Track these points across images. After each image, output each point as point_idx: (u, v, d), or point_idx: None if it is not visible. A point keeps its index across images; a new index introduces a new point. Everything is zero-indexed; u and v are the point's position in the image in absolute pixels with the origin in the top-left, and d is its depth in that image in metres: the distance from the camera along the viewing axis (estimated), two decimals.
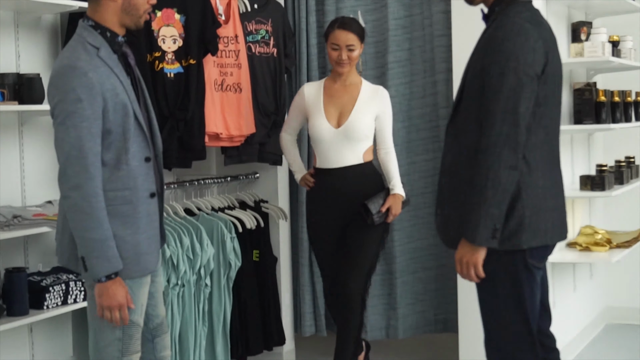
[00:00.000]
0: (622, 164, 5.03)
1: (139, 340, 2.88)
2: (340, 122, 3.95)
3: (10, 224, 3.47)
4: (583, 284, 5.19)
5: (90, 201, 2.67)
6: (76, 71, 2.68)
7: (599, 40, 4.67)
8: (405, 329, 4.88)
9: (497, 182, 2.55)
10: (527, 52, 2.57)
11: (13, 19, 3.79)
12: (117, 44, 2.82)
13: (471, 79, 2.67)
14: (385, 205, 3.94)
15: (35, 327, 3.86)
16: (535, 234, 2.68)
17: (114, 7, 2.79)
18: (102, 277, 2.71)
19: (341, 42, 3.91)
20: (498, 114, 2.56)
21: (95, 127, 2.69)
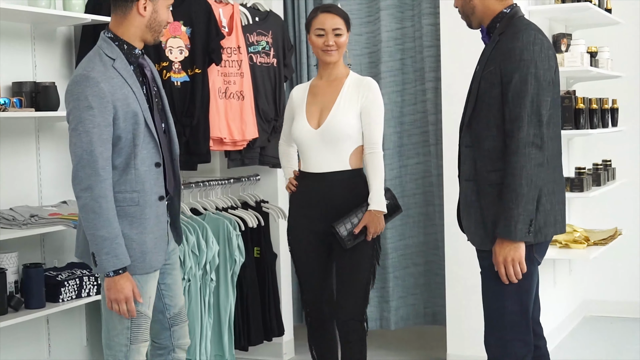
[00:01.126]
0: (599, 166, 5.04)
1: (147, 330, 2.89)
2: (320, 122, 3.38)
3: (28, 222, 3.48)
4: (562, 279, 5.20)
5: (100, 202, 2.70)
6: (89, 81, 2.71)
7: (578, 51, 4.68)
8: (397, 320, 4.89)
9: (529, 180, 2.60)
10: (544, 60, 2.65)
11: (30, 31, 3.80)
12: (134, 55, 2.84)
13: (488, 88, 2.70)
14: (360, 225, 3.29)
15: (52, 318, 3.87)
16: (554, 226, 2.75)
17: (140, 22, 2.82)
18: (110, 272, 2.74)
19: (327, 26, 3.37)
20: (524, 117, 2.61)
21: (106, 133, 2.71)
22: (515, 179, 2.61)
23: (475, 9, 2.80)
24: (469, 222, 2.81)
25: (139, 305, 2.84)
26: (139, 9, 2.80)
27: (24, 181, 3.77)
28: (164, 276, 3.01)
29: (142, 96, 2.83)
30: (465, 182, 2.81)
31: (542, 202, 2.69)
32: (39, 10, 3.52)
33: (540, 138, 2.62)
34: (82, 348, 4.06)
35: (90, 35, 3.91)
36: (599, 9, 4.79)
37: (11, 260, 3.50)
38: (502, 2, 2.80)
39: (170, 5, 2.89)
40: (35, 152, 3.83)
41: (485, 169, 2.73)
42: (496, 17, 2.79)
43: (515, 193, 2.61)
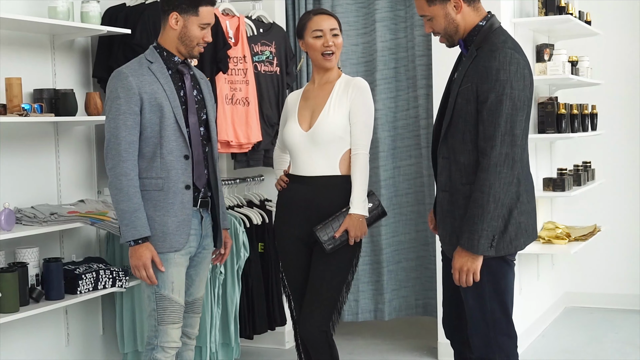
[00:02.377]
0: (579, 168, 5.05)
1: (175, 313, 2.95)
2: (311, 124, 3.14)
3: (48, 220, 3.50)
4: (545, 273, 5.20)
5: (121, 179, 2.87)
6: (120, 75, 2.91)
7: (560, 60, 4.68)
8: (391, 311, 4.89)
9: (497, 198, 2.54)
10: (519, 79, 2.55)
11: (50, 41, 3.81)
12: (173, 62, 2.98)
13: (464, 104, 2.63)
14: (340, 229, 3.03)
15: (70, 309, 3.88)
16: (528, 235, 2.70)
17: (173, 35, 2.96)
18: (131, 241, 2.88)
19: (324, 26, 3.12)
20: (498, 137, 2.53)
21: (131, 120, 2.88)
22: (484, 196, 2.55)
23: (458, 27, 2.70)
24: (444, 232, 2.75)
25: (161, 287, 2.92)
26: (170, 22, 2.94)
27: (44, 181, 3.79)
28: (189, 267, 3.07)
29: (174, 95, 2.94)
30: (441, 193, 2.76)
31: (514, 215, 2.63)
32: (59, 23, 3.54)
33: (512, 158, 2.55)
34: (98, 337, 4.07)
35: (106, 45, 3.92)
36: (580, 21, 4.81)
37: (32, 254, 3.52)
38: (478, 13, 2.70)
39: (204, 26, 2.96)
40: (55, 154, 3.85)
41: (460, 181, 2.67)
42: (473, 30, 2.69)
43: (481, 209, 2.55)
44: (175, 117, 2.93)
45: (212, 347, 4.05)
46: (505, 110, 2.54)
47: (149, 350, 2.97)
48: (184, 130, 2.94)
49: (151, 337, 2.96)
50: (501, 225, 2.61)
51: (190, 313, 3.11)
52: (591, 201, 5.50)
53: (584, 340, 4.83)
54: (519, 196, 2.65)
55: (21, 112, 3.40)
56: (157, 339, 2.94)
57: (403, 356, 4.58)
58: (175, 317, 2.95)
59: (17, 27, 3.54)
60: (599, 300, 5.59)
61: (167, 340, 2.94)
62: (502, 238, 2.63)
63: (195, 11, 2.93)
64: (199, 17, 2.94)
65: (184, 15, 2.93)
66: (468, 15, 2.69)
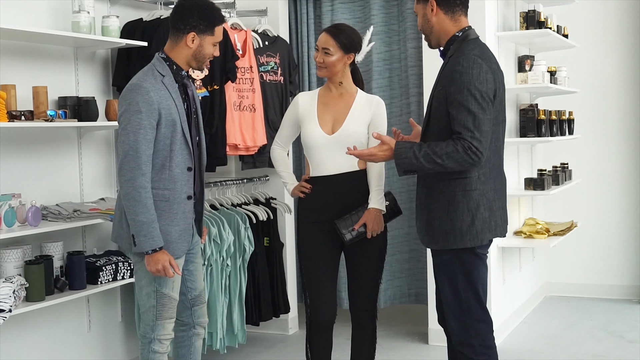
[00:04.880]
0: (558, 168, 5.04)
1: (171, 309, 2.90)
2: (334, 129, 3.14)
3: (72, 216, 3.50)
4: (527, 264, 5.19)
5: (140, 191, 2.73)
6: (141, 89, 2.75)
7: (540, 70, 4.67)
8: (385, 300, 4.88)
9: (447, 161, 2.55)
10: (482, 82, 2.54)
11: (73, 53, 3.81)
12: (180, 76, 2.88)
13: (437, 106, 2.63)
14: (360, 222, 3.08)
15: (91, 298, 3.88)
16: (492, 230, 2.67)
17: (187, 52, 2.85)
18: (149, 250, 2.77)
19: (319, 43, 3.12)
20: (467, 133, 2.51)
21: (150, 135, 2.75)
22: (444, 149, 2.53)
23: (432, 28, 2.70)
24: (420, 224, 2.74)
25: (164, 286, 2.86)
26: (187, 41, 2.82)
27: (68, 181, 3.78)
28: (187, 264, 3.02)
29: (182, 109, 2.85)
30: (420, 188, 2.76)
31: (480, 211, 2.62)
32: (81, 36, 3.54)
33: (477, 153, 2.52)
34: (117, 323, 4.06)
35: (125, 56, 3.91)
36: (558, 35, 4.80)
37: (57, 248, 3.51)
38: (456, 25, 2.69)
39: (217, 43, 2.88)
40: (78, 157, 3.84)
41: (435, 177, 2.66)
42: (450, 40, 2.69)
43: (432, 151, 2.54)
44: (183, 131, 2.83)
45: (219, 333, 4.03)
46: (472, 109, 2.53)
47: (145, 343, 2.89)
48: (190, 143, 2.85)
49: (147, 331, 2.88)
50: (468, 218, 2.61)
51: (199, 304, 3.07)
52: (568, 199, 5.49)
53: (561, 327, 4.82)
54: (486, 194, 2.64)
55: (47, 118, 3.40)
56: (154, 333, 2.87)
57: (396, 341, 4.56)
58: (172, 312, 2.90)
59: (44, 40, 3.53)
60: (576, 289, 5.57)
61: (164, 334, 2.88)
62: (469, 231, 2.62)
63: (212, 31, 2.84)
64: (214, 37, 2.85)
65: (201, 35, 2.82)
66: (444, 22, 2.69)
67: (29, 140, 3.58)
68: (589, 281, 5.55)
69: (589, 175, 5.49)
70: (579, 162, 5.48)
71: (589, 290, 5.54)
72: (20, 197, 3.36)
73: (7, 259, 3.30)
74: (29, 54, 3.58)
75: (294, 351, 4.36)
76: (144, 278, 2.88)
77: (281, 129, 3.31)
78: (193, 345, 3.08)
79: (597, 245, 5.52)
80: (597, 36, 5.45)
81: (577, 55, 5.41)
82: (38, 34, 3.34)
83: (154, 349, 2.88)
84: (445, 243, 2.66)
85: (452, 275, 2.66)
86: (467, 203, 2.62)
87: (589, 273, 5.55)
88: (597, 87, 5.47)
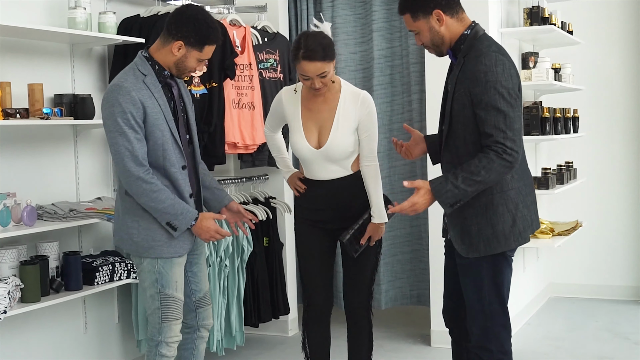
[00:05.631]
0: (562, 167, 5.03)
1: (177, 310, 2.89)
2: (320, 143, 3.09)
3: (67, 216, 3.50)
4: (531, 265, 5.20)
5: (153, 181, 2.77)
6: (122, 90, 2.74)
7: (544, 67, 4.67)
8: (387, 301, 4.88)
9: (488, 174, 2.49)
10: (507, 79, 2.53)
11: (69, 50, 3.81)
12: (163, 76, 2.86)
13: (460, 109, 2.59)
14: (365, 237, 3.14)
15: (88, 299, 3.88)
16: (532, 227, 2.68)
17: (171, 58, 2.84)
18: (191, 223, 2.82)
19: (310, 73, 2.97)
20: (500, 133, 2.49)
21: (140, 133, 2.75)
22: (479, 165, 2.49)
23: (443, 38, 2.65)
24: (454, 233, 2.71)
25: (166, 288, 2.85)
26: (172, 48, 2.81)
27: (64, 180, 3.78)
28: (191, 265, 3.02)
29: (167, 108, 2.84)
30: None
31: (520, 209, 2.61)
32: (78, 32, 3.54)
33: (516, 151, 2.51)
34: (114, 325, 4.06)
35: (122, 53, 3.91)
36: (562, 31, 4.79)
37: (53, 248, 3.51)
38: (462, 23, 2.66)
39: (202, 59, 2.85)
40: (74, 155, 3.84)
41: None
42: (459, 40, 2.65)
43: (469, 174, 2.50)
44: (171, 131, 2.82)
45: (217, 335, 4.03)
46: (502, 108, 2.51)
47: (152, 346, 2.89)
48: (179, 143, 2.85)
49: (154, 334, 2.88)
50: (509, 220, 2.59)
51: (204, 306, 3.06)
52: (573, 198, 5.49)
53: (566, 328, 4.82)
54: (521, 191, 2.63)
55: (42, 115, 3.40)
56: (161, 335, 2.87)
57: (398, 343, 4.57)
58: (177, 313, 2.90)
59: (39, 36, 3.53)
60: (580, 290, 5.57)
61: (171, 336, 2.88)
62: (512, 232, 2.60)
63: (200, 48, 2.81)
64: (201, 54, 2.82)
65: (188, 47, 2.80)
66: (452, 26, 2.65)
67: (24, 138, 3.58)
68: (594, 282, 5.55)
69: (594, 174, 5.48)
70: (584, 161, 5.48)
71: (594, 291, 5.54)
72: (15, 197, 3.36)
73: (2, 260, 3.30)
74: (25, 51, 3.58)
75: (293, 353, 4.36)
76: (146, 280, 2.88)
77: (269, 118, 3.32)
78: (196, 348, 3.07)
79: (602, 245, 5.52)
80: (602, 32, 5.45)
81: (582, 51, 5.41)
82: (33, 30, 3.35)
83: (161, 352, 2.88)
84: (489, 249, 2.62)
85: (478, 278, 2.64)
86: (506, 204, 2.60)
87: (594, 273, 5.55)
88: (603, 84, 5.47)
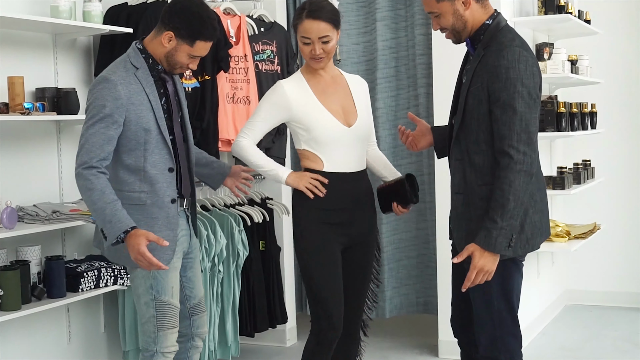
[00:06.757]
0: (579, 166, 5.04)
1: (173, 317, 2.88)
2: (348, 121, 2.99)
3: (50, 218, 3.50)
4: (545, 270, 5.20)
5: (91, 178, 2.69)
6: (108, 83, 2.75)
7: (560, 59, 4.67)
8: (392, 309, 4.88)
9: (517, 197, 2.51)
10: (529, 77, 2.53)
11: (52, 40, 3.81)
12: (156, 70, 2.87)
13: (475, 105, 2.60)
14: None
15: (72, 307, 3.88)
16: (542, 233, 2.68)
17: (162, 50, 2.84)
18: (120, 236, 2.68)
19: (313, 34, 2.89)
20: (514, 136, 2.51)
21: (112, 130, 2.73)
22: (504, 194, 2.51)
23: (466, 23, 2.66)
24: (459, 235, 2.71)
25: (161, 294, 2.84)
26: (163, 38, 2.81)
27: (46, 179, 3.79)
28: (186, 269, 3.01)
29: (158, 105, 2.84)
30: (455, 195, 2.72)
31: (530, 214, 2.62)
32: (60, 22, 3.54)
33: (530, 156, 2.53)
34: (99, 334, 4.07)
35: (108, 44, 3.92)
36: (579, 20, 4.80)
37: (34, 253, 3.51)
38: (486, 11, 2.67)
39: (195, 57, 2.84)
40: (57, 153, 3.84)
41: (476, 182, 2.63)
42: (479, 29, 2.66)
43: (501, 208, 2.51)
44: (160, 129, 2.81)
45: (211, 345, 4.04)
46: (519, 109, 2.52)
47: (147, 357, 2.87)
48: (168, 143, 2.84)
49: (149, 344, 2.87)
50: (517, 225, 2.59)
51: (198, 314, 3.06)
52: (591, 199, 5.50)
53: (583, 338, 4.82)
54: (532, 194, 2.63)
55: (23, 110, 3.40)
56: (157, 345, 2.85)
57: (404, 354, 4.58)
58: (174, 321, 2.89)
59: (20, 26, 3.54)
60: (599, 298, 5.58)
61: (167, 345, 2.87)
62: (519, 238, 2.61)
63: (191, 42, 2.80)
64: (193, 49, 2.81)
65: (178, 39, 2.79)
66: (477, 11, 2.66)
67: (3, 135, 3.58)
68: (613, 288, 5.55)
69: (613, 173, 5.49)
70: (603, 159, 5.48)
71: (613, 298, 5.55)
72: None
73: None
74: (4, 42, 3.59)
75: None
76: (140, 286, 2.86)
77: (255, 122, 3.01)
78: (190, 358, 3.07)
79: (622, 249, 5.52)
80: (622, 21, 5.45)
81: (600, 42, 5.41)
82: (13, 19, 3.35)
83: None
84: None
85: (486, 284, 2.63)
86: None
87: (613, 280, 5.55)
88: (622, 77, 5.47)
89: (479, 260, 2.57)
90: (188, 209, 3.00)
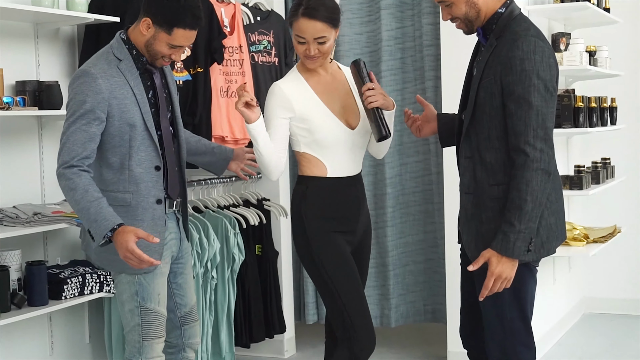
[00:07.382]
0: (598, 164, 5.03)
1: (160, 326, 2.87)
2: (351, 122, 3.00)
3: (31, 220, 3.48)
4: (562, 276, 5.18)
5: (73, 178, 2.68)
6: (88, 77, 2.74)
7: (577, 50, 4.66)
8: (397, 318, 4.87)
9: (535, 197, 2.48)
10: (545, 69, 2.51)
11: (33, 30, 3.80)
12: (141, 61, 2.85)
13: (488, 98, 2.57)
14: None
15: (54, 316, 3.87)
16: (558, 237, 2.65)
17: (141, 39, 2.81)
18: (107, 235, 2.65)
19: (308, 34, 2.86)
20: (530, 132, 2.48)
21: (94, 127, 2.72)
22: (521, 195, 2.48)
23: (480, 11, 2.64)
24: (468, 237, 2.69)
25: (148, 301, 2.83)
26: (141, 25, 2.79)
27: (27, 179, 3.77)
28: (176, 275, 3.00)
29: (144, 99, 2.82)
30: (465, 196, 2.69)
31: (545, 216, 2.58)
32: (42, 10, 3.52)
33: (547, 153, 2.50)
34: (84, 345, 4.05)
35: (94, 34, 3.91)
36: (598, 9, 4.79)
37: (14, 257, 3.50)
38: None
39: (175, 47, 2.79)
40: (39, 151, 3.83)
41: (487, 182, 2.60)
42: (492, 18, 2.64)
43: (518, 210, 2.48)
44: (146, 125, 2.79)
45: (204, 356, 4.03)
46: (534, 103, 2.49)
47: None
48: (155, 139, 2.81)
49: (133, 354, 2.85)
50: (536, 228, 2.55)
51: (190, 323, 3.04)
52: (611, 200, 5.48)
53: (603, 349, 4.81)
54: (549, 196, 2.60)
55: (2, 105, 3.38)
56: (142, 356, 2.84)
57: None
58: (160, 330, 2.87)
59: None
60: (619, 306, 5.56)
61: (153, 356, 2.86)
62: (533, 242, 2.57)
63: (169, 30, 2.75)
64: (171, 38, 2.77)
65: (156, 26, 2.76)
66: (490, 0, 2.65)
67: None
68: (634, 296, 5.54)
69: (634, 173, 5.47)
70: (623, 157, 5.47)
71: (634, 306, 5.53)
72: None
73: None
74: None
75: None
76: (124, 292, 2.85)
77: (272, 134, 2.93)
78: None
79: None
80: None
81: (620, 32, 5.39)
82: None
83: None
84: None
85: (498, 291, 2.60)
86: None
87: (635, 286, 5.53)
88: None
89: (496, 267, 2.54)
90: (178, 210, 2.98)
